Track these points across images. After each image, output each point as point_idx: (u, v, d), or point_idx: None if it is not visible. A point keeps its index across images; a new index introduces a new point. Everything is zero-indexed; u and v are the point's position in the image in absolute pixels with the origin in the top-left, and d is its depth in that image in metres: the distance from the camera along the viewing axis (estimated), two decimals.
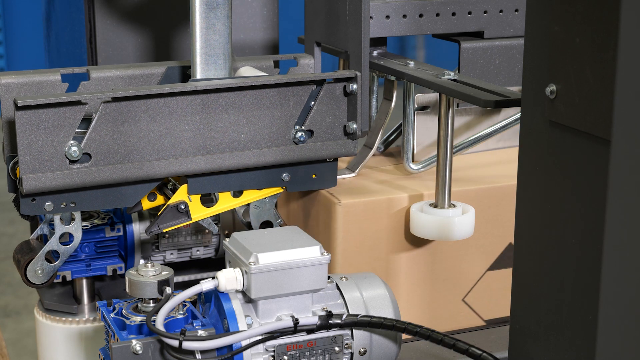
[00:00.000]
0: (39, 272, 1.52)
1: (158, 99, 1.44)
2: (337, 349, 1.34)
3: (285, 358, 1.32)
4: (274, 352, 1.31)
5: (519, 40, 1.73)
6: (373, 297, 1.38)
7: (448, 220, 1.52)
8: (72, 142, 1.39)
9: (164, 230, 1.51)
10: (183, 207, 1.50)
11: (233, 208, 1.56)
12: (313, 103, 1.53)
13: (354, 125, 1.55)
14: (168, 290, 1.31)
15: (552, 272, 1.11)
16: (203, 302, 1.38)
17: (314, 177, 1.58)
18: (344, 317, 1.32)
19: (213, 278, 1.31)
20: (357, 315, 1.33)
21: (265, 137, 1.52)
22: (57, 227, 1.51)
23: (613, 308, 0.94)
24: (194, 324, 1.32)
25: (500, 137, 1.80)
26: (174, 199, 1.50)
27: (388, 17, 1.67)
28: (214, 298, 1.34)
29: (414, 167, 1.67)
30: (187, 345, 1.25)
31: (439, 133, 1.52)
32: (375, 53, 1.71)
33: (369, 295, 1.38)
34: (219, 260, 1.77)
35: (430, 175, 1.65)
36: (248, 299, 1.32)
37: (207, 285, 1.31)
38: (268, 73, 1.65)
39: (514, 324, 1.20)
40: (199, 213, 1.52)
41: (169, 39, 1.92)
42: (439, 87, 1.49)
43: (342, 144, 1.56)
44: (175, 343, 1.24)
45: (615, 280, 0.93)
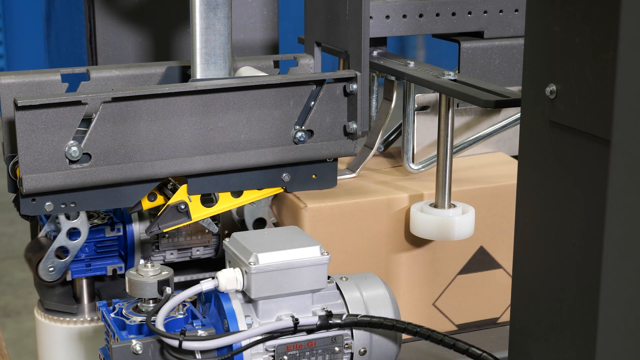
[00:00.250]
0: (51, 269, 1.53)
1: (158, 99, 1.44)
2: (337, 349, 1.34)
3: (285, 358, 1.32)
4: (274, 352, 1.31)
5: (519, 40, 1.73)
6: (373, 297, 1.38)
7: (448, 220, 1.52)
8: (72, 142, 1.39)
9: (164, 231, 1.51)
10: (183, 207, 1.50)
11: (233, 208, 1.57)
12: (313, 103, 1.53)
13: (354, 125, 1.55)
14: (168, 290, 1.31)
15: (552, 272, 1.11)
16: (203, 302, 1.38)
17: (314, 177, 1.58)
18: (344, 317, 1.32)
19: (213, 278, 1.31)
20: (357, 315, 1.33)
21: (265, 137, 1.51)
22: (62, 223, 1.51)
23: (613, 308, 0.94)
24: (194, 324, 1.32)
25: (500, 137, 1.80)
26: (174, 199, 1.50)
27: (388, 17, 1.67)
28: (214, 298, 1.34)
29: (414, 167, 1.67)
30: (187, 345, 1.25)
31: (439, 133, 1.52)
32: (375, 53, 1.71)
33: (369, 295, 1.38)
34: (219, 260, 1.77)
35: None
36: (248, 299, 1.32)
37: (207, 285, 1.31)
38: (268, 73, 1.65)
39: (514, 324, 1.20)
40: (199, 213, 1.52)
41: (169, 39, 1.92)
42: (439, 87, 1.49)
43: (342, 144, 1.56)
44: (175, 343, 1.24)
45: (615, 280, 0.93)
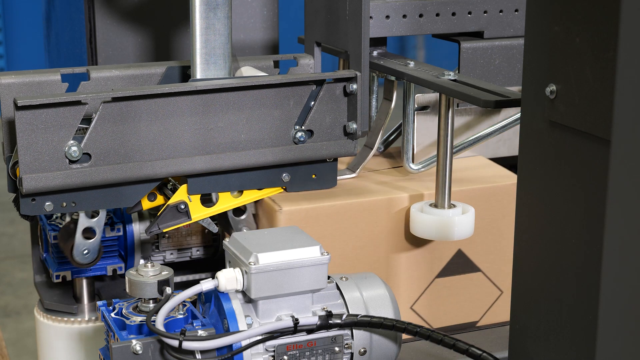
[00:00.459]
0: (85, 252, 1.52)
1: (158, 99, 1.44)
2: (337, 349, 1.34)
3: (285, 358, 1.32)
4: (274, 352, 1.31)
5: (519, 40, 1.73)
6: (373, 297, 1.38)
7: (448, 220, 1.52)
8: (72, 142, 1.39)
9: (164, 230, 1.51)
10: (183, 207, 1.50)
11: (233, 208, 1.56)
12: (313, 103, 1.53)
13: (354, 125, 1.55)
14: (168, 290, 1.31)
15: (552, 272, 1.11)
16: (203, 302, 1.38)
17: (314, 177, 1.58)
18: (344, 317, 1.32)
19: (213, 278, 1.31)
20: (357, 315, 1.33)
21: (265, 137, 1.51)
22: (81, 218, 1.51)
23: (613, 308, 0.94)
24: (194, 324, 1.32)
25: (500, 137, 1.80)
26: (174, 199, 1.50)
27: (388, 17, 1.67)
28: (214, 298, 1.34)
29: (414, 167, 1.67)
30: (187, 345, 1.25)
31: (439, 133, 1.52)
32: (375, 53, 1.71)
33: (369, 295, 1.38)
34: (219, 260, 1.77)
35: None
36: (248, 299, 1.32)
37: (207, 285, 1.31)
38: (268, 73, 1.65)
39: (514, 324, 1.20)
40: (199, 213, 1.52)
41: (169, 39, 1.92)
42: (439, 87, 1.49)
43: (342, 144, 1.56)
44: (175, 343, 1.24)
45: (615, 280, 0.93)
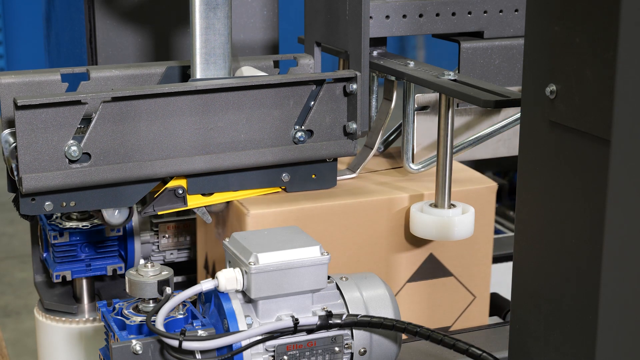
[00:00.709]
0: (116, 213, 1.51)
1: (158, 99, 1.44)
2: (337, 349, 1.34)
3: (285, 358, 1.32)
4: (274, 352, 1.31)
5: (519, 40, 1.73)
6: (373, 297, 1.38)
7: (448, 220, 1.52)
8: (71, 141, 1.39)
9: (159, 213, 1.51)
10: (180, 192, 1.50)
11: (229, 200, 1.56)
12: (313, 103, 1.53)
13: (354, 125, 1.55)
14: (168, 290, 1.31)
15: (552, 271, 1.11)
16: (203, 302, 1.38)
17: (314, 177, 1.58)
18: (344, 317, 1.32)
19: (213, 278, 1.31)
20: (357, 315, 1.33)
21: (265, 137, 1.52)
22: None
23: (613, 307, 0.94)
24: (194, 324, 1.31)
25: (500, 137, 1.80)
26: (172, 183, 1.50)
27: (388, 17, 1.67)
28: (214, 298, 1.34)
29: (414, 167, 1.67)
30: (187, 345, 1.25)
31: (439, 133, 1.52)
32: (375, 53, 1.71)
33: (369, 295, 1.38)
34: None
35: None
36: (248, 299, 1.32)
37: (207, 285, 1.31)
38: (268, 73, 1.65)
39: (514, 324, 1.20)
40: (196, 201, 1.52)
41: (169, 39, 1.92)
42: (439, 87, 1.49)
43: (341, 144, 1.56)
44: (175, 343, 1.24)
45: (615, 280, 0.94)
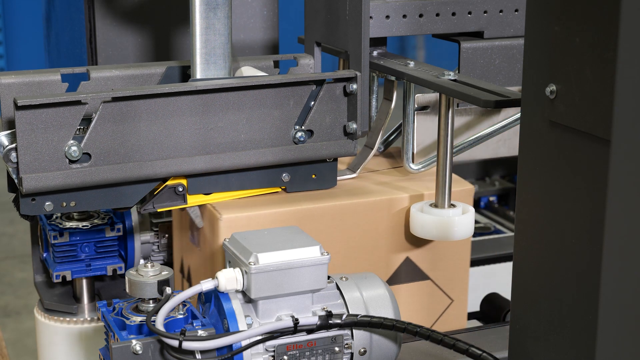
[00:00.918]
0: None
1: (158, 99, 1.44)
2: (337, 349, 1.34)
3: (285, 358, 1.32)
4: (274, 352, 1.31)
5: (519, 40, 1.73)
6: (373, 297, 1.38)
7: (448, 220, 1.52)
8: (72, 142, 1.39)
9: (158, 210, 1.50)
10: (181, 189, 1.50)
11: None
12: (313, 103, 1.53)
13: (354, 125, 1.55)
14: (168, 290, 1.31)
15: (552, 272, 1.11)
16: (203, 302, 1.38)
17: (314, 177, 1.58)
18: (344, 317, 1.32)
19: (213, 278, 1.31)
20: (357, 315, 1.33)
21: (265, 137, 1.51)
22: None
23: (613, 308, 0.94)
24: (194, 324, 1.32)
25: (501, 137, 1.80)
26: (173, 181, 1.49)
27: (388, 17, 1.67)
28: (214, 298, 1.34)
29: (414, 167, 1.67)
30: (187, 345, 1.25)
31: (439, 133, 1.52)
32: (375, 53, 1.71)
33: (369, 295, 1.38)
34: None
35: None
36: (248, 299, 1.32)
37: (207, 285, 1.31)
38: (268, 73, 1.65)
39: (514, 324, 1.20)
40: (195, 199, 1.52)
41: (169, 39, 1.92)
42: (439, 87, 1.49)
43: (342, 144, 1.56)
44: (175, 343, 1.24)
45: (615, 280, 0.94)
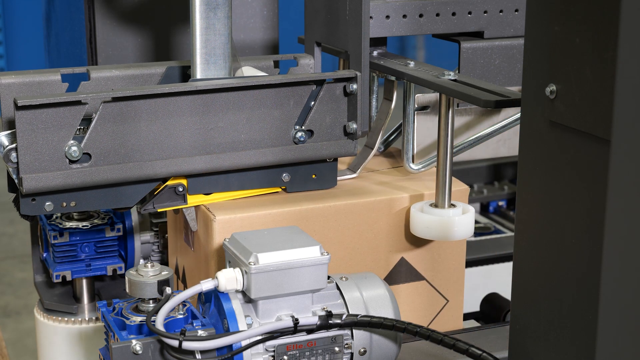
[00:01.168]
0: None
1: (158, 99, 1.44)
2: (337, 349, 1.34)
3: (285, 358, 1.32)
4: (274, 352, 1.31)
5: (519, 40, 1.73)
6: (373, 297, 1.38)
7: (448, 220, 1.52)
8: (72, 142, 1.39)
9: (158, 210, 1.50)
10: (181, 189, 1.50)
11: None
12: (313, 103, 1.53)
13: (354, 125, 1.55)
14: (168, 290, 1.31)
15: (552, 271, 1.11)
16: (203, 302, 1.38)
17: (314, 177, 1.58)
18: (344, 317, 1.32)
19: (213, 278, 1.31)
20: (357, 315, 1.33)
21: (265, 137, 1.51)
22: None
23: (613, 307, 0.94)
24: (194, 324, 1.32)
25: (501, 137, 1.80)
26: (173, 181, 1.49)
27: (388, 17, 1.67)
28: (214, 298, 1.34)
29: (414, 167, 1.67)
30: (187, 345, 1.25)
31: (439, 133, 1.52)
32: (375, 53, 1.71)
33: (369, 295, 1.38)
34: None
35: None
36: (248, 299, 1.32)
37: (207, 285, 1.31)
38: (268, 73, 1.65)
39: (514, 324, 1.20)
40: (195, 199, 1.52)
41: (169, 39, 1.92)
42: (439, 87, 1.49)
43: (342, 144, 1.56)
44: (175, 343, 1.24)
45: (615, 280, 0.94)
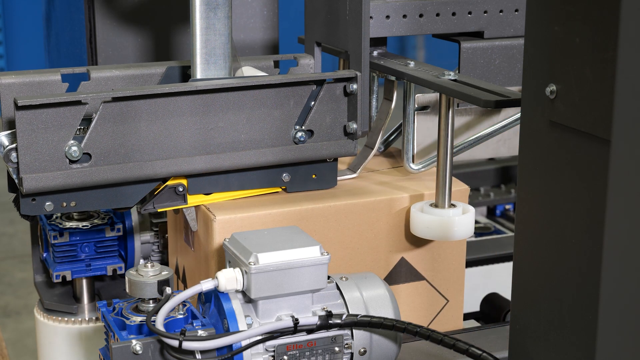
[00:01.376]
0: None
1: (158, 99, 1.44)
2: (337, 349, 1.34)
3: (285, 358, 1.32)
4: (274, 352, 1.31)
5: (519, 40, 1.73)
6: (373, 297, 1.38)
7: (448, 220, 1.52)
8: (72, 142, 1.39)
9: (159, 210, 1.50)
10: (181, 189, 1.50)
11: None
12: (313, 103, 1.53)
13: (354, 125, 1.55)
14: (168, 290, 1.31)
15: (552, 271, 1.11)
16: (203, 302, 1.38)
17: (314, 177, 1.58)
18: (344, 317, 1.32)
19: (213, 278, 1.31)
20: (357, 315, 1.33)
21: (265, 137, 1.51)
22: None
23: (613, 307, 0.94)
24: (194, 324, 1.32)
25: (501, 137, 1.80)
26: (173, 181, 1.49)
27: (388, 17, 1.67)
28: (214, 298, 1.34)
29: (414, 167, 1.67)
30: (187, 345, 1.25)
31: (439, 133, 1.52)
32: (375, 53, 1.71)
33: (369, 295, 1.38)
34: None
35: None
36: (248, 299, 1.32)
37: (207, 285, 1.31)
38: (268, 73, 1.65)
39: (514, 324, 1.20)
40: (195, 199, 1.51)
41: (169, 39, 1.92)
42: (439, 87, 1.49)
43: (342, 144, 1.56)
44: (175, 343, 1.24)
45: (615, 280, 0.93)
